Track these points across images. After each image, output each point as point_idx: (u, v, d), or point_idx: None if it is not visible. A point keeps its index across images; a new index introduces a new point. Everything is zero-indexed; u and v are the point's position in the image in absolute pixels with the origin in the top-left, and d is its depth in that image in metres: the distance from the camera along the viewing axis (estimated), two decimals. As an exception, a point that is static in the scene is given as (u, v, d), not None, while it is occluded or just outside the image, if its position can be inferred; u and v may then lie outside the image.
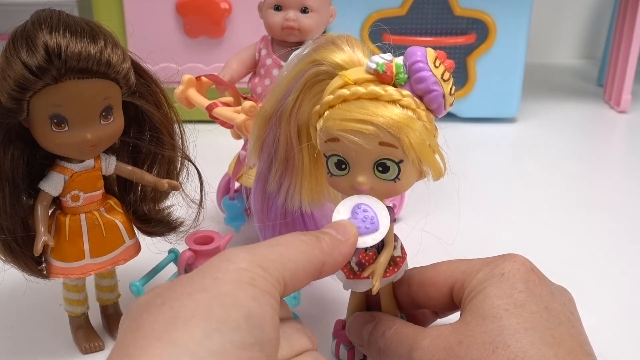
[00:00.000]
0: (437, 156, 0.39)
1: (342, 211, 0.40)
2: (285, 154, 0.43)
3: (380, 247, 0.43)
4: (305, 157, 0.43)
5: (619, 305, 0.57)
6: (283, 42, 0.60)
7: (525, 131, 1.03)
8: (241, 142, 0.63)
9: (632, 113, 1.10)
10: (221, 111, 0.55)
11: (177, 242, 0.52)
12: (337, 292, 0.54)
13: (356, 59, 0.40)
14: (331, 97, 0.38)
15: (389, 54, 0.39)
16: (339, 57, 0.39)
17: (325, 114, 0.39)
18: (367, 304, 0.48)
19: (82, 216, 0.47)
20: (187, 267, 0.49)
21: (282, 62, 0.60)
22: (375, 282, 0.41)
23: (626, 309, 0.56)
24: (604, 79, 1.19)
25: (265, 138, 0.44)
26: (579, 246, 0.67)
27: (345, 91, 0.38)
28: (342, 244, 0.37)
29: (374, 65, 0.38)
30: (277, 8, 0.59)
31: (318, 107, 0.39)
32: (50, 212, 0.47)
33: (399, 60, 0.38)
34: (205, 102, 0.56)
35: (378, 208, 0.40)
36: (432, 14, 0.98)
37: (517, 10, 0.97)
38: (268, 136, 0.44)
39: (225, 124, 0.56)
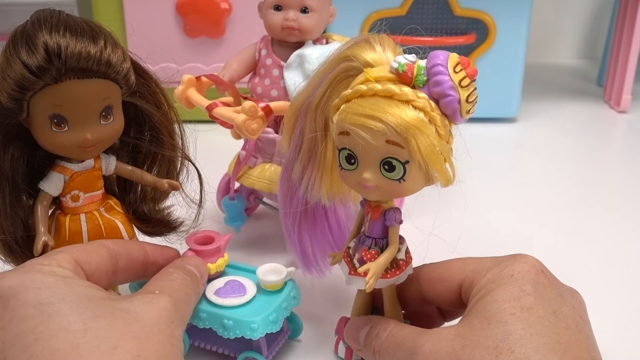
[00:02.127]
0: (447, 164, 0.39)
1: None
2: (309, 145, 0.44)
3: (384, 247, 0.43)
4: (329, 150, 0.44)
5: (621, 303, 0.57)
6: (283, 42, 0.60)
7: (525, 131, 1.03)
8: (241, 142, 0.63)
9: (632, 113, 1.10)
10: (221, 111, 0.55)
11: (177, 242, 0.52)
12: (342, 289, 0.54)
13: (385, 59, 0.40)
14: (349, 91, 0.39)
15: (414, 55, 0.39)
16: (369, 55, 0.40)
17: (342, 107, 0.39)
18: (375, 304, 0.48)
19: (82, 216, 0.47)
20: None
21: (282, 62, 0.60)
22: (369, 280, 0.41)
23: (627, 308, 0.56)
24: (604, 79, 1.19)
25: (294, 127, 0.45)
26: (578, 246, 0.67)
27: (362, 87, 0.38)
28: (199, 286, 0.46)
29: (395, 65, 0.38)
30: (277, 8, 0.59)
31: (337, 100, 0.40)
32: (50, 212, 0.47)
33: (422, 62, 0.38)
34: (205, 102, 0.56)
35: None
36: (432, 14, 0.98)
37: (517, 10, 0.97)
38: (297, 127, 0.45)
39: (225, 124, 0.56)
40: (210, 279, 0.49)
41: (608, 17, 1.29)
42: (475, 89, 0.38)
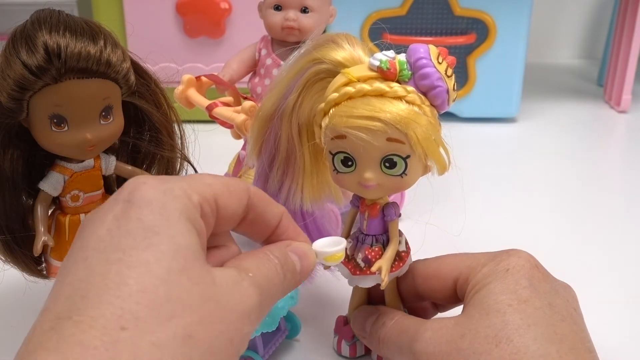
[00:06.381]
0: (441, 151, 0.40)
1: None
2: (286, 153, 0.44)
3: (385, 242, 0.43)
4: (307, 156, 0.43)
5: (617, 302, 0.57)
6: (283, 42, 0.61)
7: (525, 131, 1.03)
8: (241, 142, 0.63)
9: (632, 113, 1.10)
10: (221, 111, 0.55)
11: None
12: (337, 289, 0.54)
13: (357, 56, 0.40)
14: (336, 94, 0.39)
15: (392, 51, 0.39)
16: (339, 54, 0.40)
17: (331, 111, 0.39)
18: (369, 299, 0.48)
19: (82, 216, 0.47)
20: None
21: (282, 62, 0.60)
22: (384, 277, 0.41)
23: (625, 306, 0.56)
24: (604, 79, 1.19)
25: (265, 138, 0.44)
26: (578, 245, 0.67)
27: (350, 88, 0.38)
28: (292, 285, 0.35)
29: (377, 63, 0.38)
30: (277, 8, 0.59)
31: (323, 105, 0.40)
32: (50, 212, 0.47)
33: (402, 57, 0.39)
34: (205, 102, 0.56)
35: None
36: (432, 14, 0.98)
37: (517, 10, 0.97)
38: (269, 136, 0.44)
39: (225, 124, 0.56)
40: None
41: (608, 17, 1.29)
42: (455, 77, 0.40)
